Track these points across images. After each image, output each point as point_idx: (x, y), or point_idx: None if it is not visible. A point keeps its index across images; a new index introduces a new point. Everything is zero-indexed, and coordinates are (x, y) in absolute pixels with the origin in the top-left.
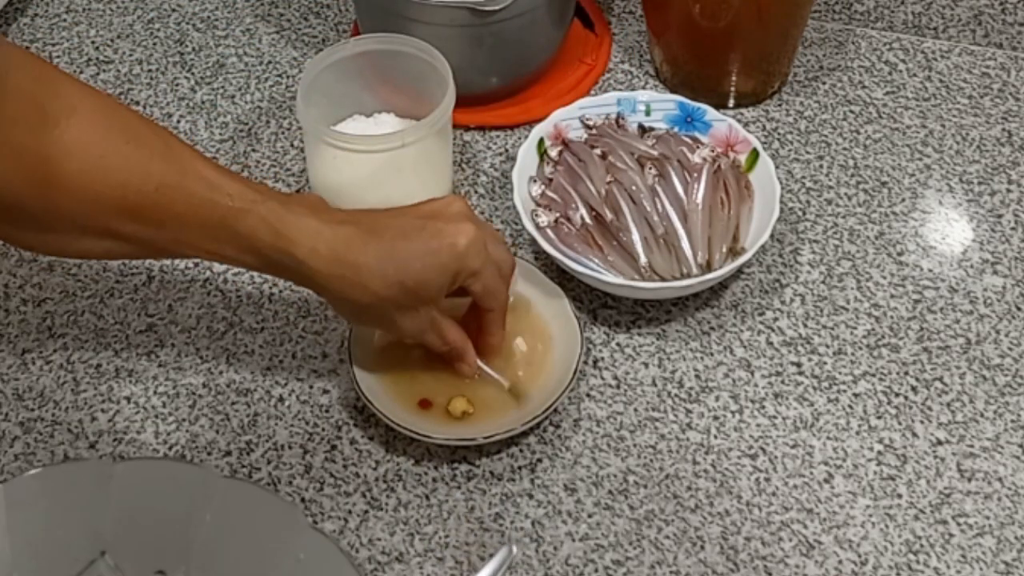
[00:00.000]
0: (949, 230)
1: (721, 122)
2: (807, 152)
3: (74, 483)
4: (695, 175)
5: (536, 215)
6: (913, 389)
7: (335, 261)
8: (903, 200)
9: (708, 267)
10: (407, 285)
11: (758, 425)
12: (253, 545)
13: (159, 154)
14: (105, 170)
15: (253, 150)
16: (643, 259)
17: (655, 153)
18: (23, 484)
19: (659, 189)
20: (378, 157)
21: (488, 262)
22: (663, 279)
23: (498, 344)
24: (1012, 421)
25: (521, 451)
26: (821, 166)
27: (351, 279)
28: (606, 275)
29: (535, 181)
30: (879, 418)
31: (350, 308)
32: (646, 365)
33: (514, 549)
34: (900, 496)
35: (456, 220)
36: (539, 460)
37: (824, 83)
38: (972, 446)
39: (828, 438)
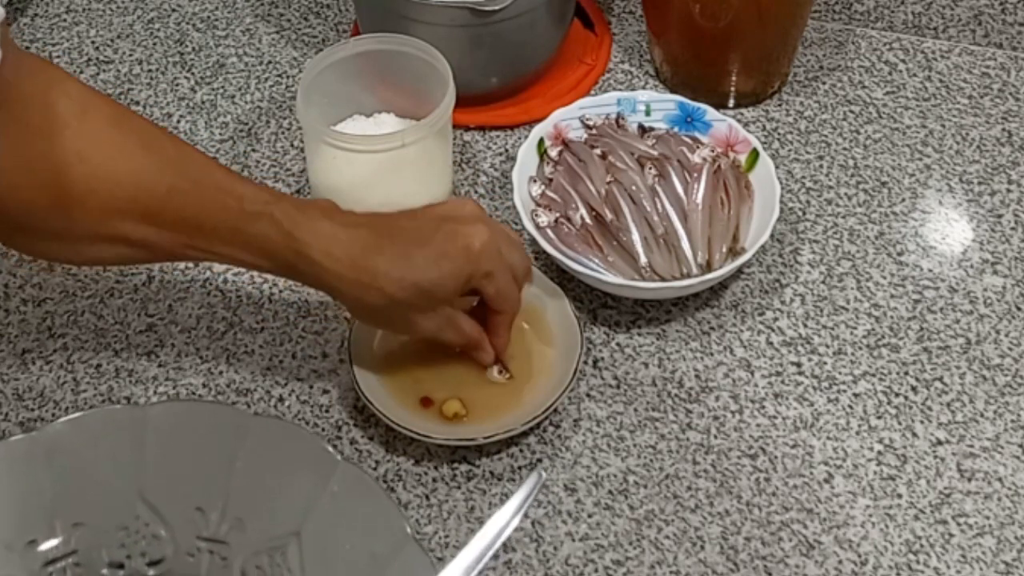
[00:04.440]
0: (949, 230)
1: (721, 122)
2: (807, 152)
3: (110, 427)
4: (695, 175)
5: (536, 215)
6: (913, 389)
7: (350, 265)
8: (903, 200)
9: (708, 267)
10: (422, 287)
11: (758, 425)
12: (287, 479)
13: (170, 158)
14: (116, 173)
15: (253, 150)
16: (643, 259)
17: (655, 153)
18: (60, 430)
19: (659, 189)
20: (378, 157)
21: (502, 265)
22: (663, 279)
23: (502, 347)
24: (1012, 421)
25: (521, 451)
26: (821, 166)
27: (366, 283)
28: (606, 275)
29: (535, 181)
30: (879, 418)
31: (366, 310)
32: (646, 365)
33: (543, 474)
34: (900, 496)
35: (470, 222)
36: (539, 460)
37: (824, 83)
38: (972, 446)
39: (828, 438)
